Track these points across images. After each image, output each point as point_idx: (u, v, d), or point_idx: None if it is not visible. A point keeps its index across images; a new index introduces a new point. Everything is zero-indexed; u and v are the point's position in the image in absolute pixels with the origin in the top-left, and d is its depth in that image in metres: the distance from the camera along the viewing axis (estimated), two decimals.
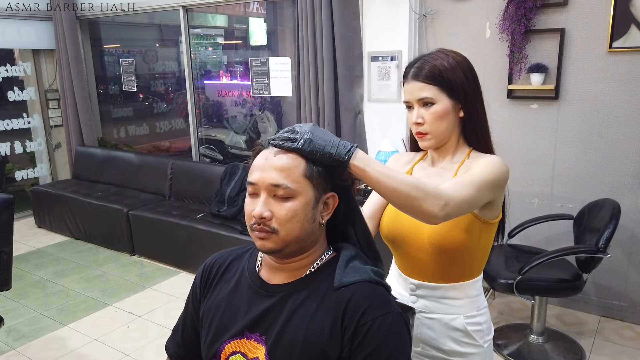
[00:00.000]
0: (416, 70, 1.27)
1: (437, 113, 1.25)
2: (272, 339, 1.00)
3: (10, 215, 2.30)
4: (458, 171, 1.29)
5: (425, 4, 3.26)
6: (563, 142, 3.00)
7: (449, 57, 1.27)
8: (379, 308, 0.98)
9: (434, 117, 1.25)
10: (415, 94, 1.26)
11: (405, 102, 1.30)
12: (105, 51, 5.72)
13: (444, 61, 1.25)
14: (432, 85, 1.24)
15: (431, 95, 1.24)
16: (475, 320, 1.30)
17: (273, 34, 5.11)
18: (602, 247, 2.42)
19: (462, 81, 1.26)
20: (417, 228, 1.27)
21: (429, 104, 1.25)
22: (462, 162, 1.31)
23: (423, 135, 1.28)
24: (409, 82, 1.28)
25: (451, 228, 1.24)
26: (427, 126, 1.26)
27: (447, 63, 1.25)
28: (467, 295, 1.30)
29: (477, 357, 1.30)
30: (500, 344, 2.80)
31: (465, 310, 1.30)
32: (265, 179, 0.98)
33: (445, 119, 1.26)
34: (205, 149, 4.98)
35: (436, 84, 1.24)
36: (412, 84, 1.26)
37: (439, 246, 1.25)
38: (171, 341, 1.22)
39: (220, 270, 1.15)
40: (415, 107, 1.28)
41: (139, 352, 2.83)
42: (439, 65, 1.25)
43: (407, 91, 1.29)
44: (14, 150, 5.20)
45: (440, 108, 1.25)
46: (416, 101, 1.27)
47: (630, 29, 2.68)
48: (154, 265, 4.02)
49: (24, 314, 3.28)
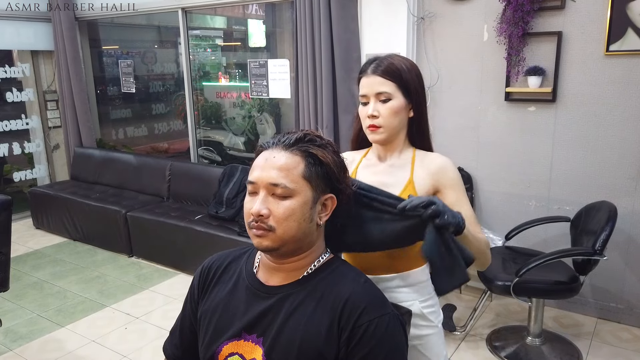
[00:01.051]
0: (376, 65, 1.33)
1: (393, 108, 1.32)
2: (269, 340, 1.01)
3: (8, 216, 2.30)
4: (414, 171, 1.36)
5: (423, 7, 3.27)
6: (560, 145, 3.01)
7: (405, 60, 1.36)
8: (376, 310, 0.99)
9: (390, 112, 1.32)
10: (375, 88, 1.32)
11: (362, 95, 1.36)
12: (104, 52, 5.73)
13: (402, 63, 1.34)
14: (391, 81, 1.32)
15: (390, 91, 1.32)
16: (429, 303, 1.39)
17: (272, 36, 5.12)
18: (598, 249, 2.43)
19: (415, 84, 1.35)
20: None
21: (386, 99, 1.32)
22: (412, 161, 1.38)
23: (376, 128, 1.34)
24: (368, 77, 1.34)
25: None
26: (382, 120, 1.33)
27: (404, 65, 1.34)
28: (419, 281, 1.37)
29: (434, 336, 1.39)
30: (497, 346, 2.81)
31: (418, 295, 1.37)
32: (264, 178, 0.99)
33: (399, 116, 1.34)
34: (204, 150, 4.98)
35: (395, 81, 1.32)
36: (372, 78, 1.33)
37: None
38: (169, 342, 1.23)
39: (218, 272, 1.15)
40: (371, 101, 1.34)
41: (136, 353, 2.83)
42: (398, 64, 1.33)
43: (365, 85, 1.35)
44: (12, 151, 5.20)
45: (397, 104, 1.33)
46: (374, 95, 1.33)
47: (627, 33, 2.69)
48: (152, 266, 4.02)
49: (21, 315, 3.27)
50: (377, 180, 1.33)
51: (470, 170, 3.33)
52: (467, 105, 3.26)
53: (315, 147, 1.04)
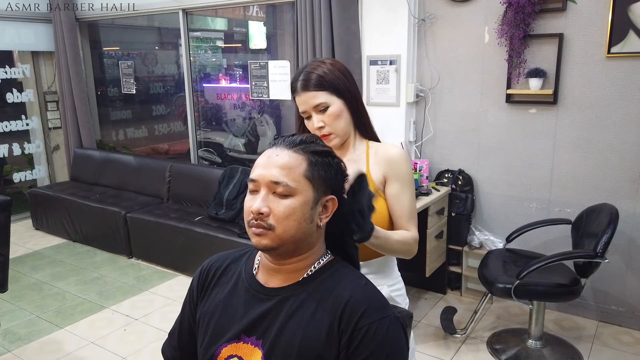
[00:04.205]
0: (303, 82, 1.39)
1: (334, 114, 1.39)
2: (268, 342, 1.00)
3: (8, 217, 2.30)
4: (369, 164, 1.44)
5: (424, 9, 3.27)
6: (561, 147, 3.01)
7: (325, 63, 1.41)
8: (376, 312, 0.98)
9: (332, 118, 1.39)
10: (310, 102, 1.39)
11: (303, 112, 1.42)
12: (104, 53, 5.73)
13: (323, 68, 1.40)
14: (322, 91, 1.38)
15: (324, 100, 1.38)
16: (396, 287, 1.50)
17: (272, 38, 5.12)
18: (600, 252, 2.42)
19: (342, 81, 1.41)
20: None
21: (324, 108, 1.39)
22: (367, 153, 1.46)
23: (327, 136, 1.41)
24: (299, 95, 1.40)
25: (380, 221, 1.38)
26: (329, 127, 1.40)
27: (326, 69, 1.40)
28: (387, 266, 1.48)
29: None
30: (498, 349, 2.80)
31: (387, 280, 1.48)
32: (265, 176, 0.99)
33: (342, 117, 1.41)
34: (204, 151, 4.98)
35: (324, 89, 1.38)
36: (304, 95, 1.39)
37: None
38: (167, 344, 1.22)
39: (217, 273, 1.15)
40: (313, 115, 1.40)
41: (135, 355, 2.82)
42: (320, 72, 1.39)
43: (301, 103, 1.41)
44: (12, 152, 5.20)
45: (335, 109, 1.39)
46: (312, 109, 1.40)
47: (629, 35, 2.69)
48: (152, 268, 4.01)
49: (20, 317, 3.27)
50: None
51: (471, 172, 3.33)
52: (468, 107, 3.26)
53: (319, 148, 1.04)
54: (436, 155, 3.44)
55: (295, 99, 1.43)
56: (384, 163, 1.43)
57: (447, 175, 3.38)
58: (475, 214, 3.37)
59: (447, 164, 3.41)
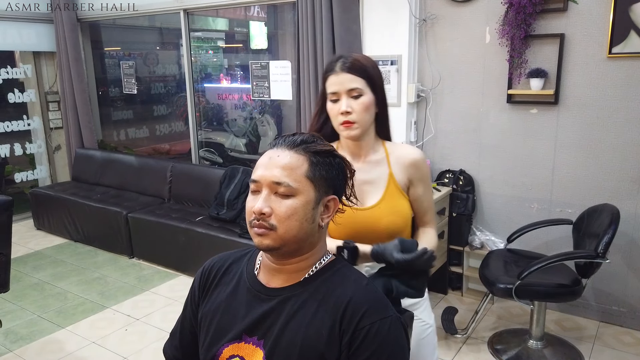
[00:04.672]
0: (345, 63, 1.37)
1: (365, 104, 1.37)
2: (270, 342, 1.00)
3: (9, 217, 2.30)
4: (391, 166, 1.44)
5: (425, 9, 3.26)
6: (562, 147, 3.01)
7: (367, 58, 1.41)
8: (377, 312, 0.98)
9: (362, 107, 1.37)
10: (346, 85, 1.36)
11: (332, 93, 1.39)
12: (105, 54, 5.73)
13: (366, 60, 1.40)
14: (361, 78, 1.36)
15: (361, 87, 1.36)
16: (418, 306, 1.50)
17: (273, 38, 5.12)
18: (601, 252, 2.42)
19: (379, 79, 1.41)
20: (374, 224, 1.40)
21: (357, 95, 1.37)
22: (387, 155, 1.46)
23: (351, 124, 1.38)
24: (337, 74, 1.37)
25: (403, 219, 1.43)
26: (356, 115, 1.37)
27: (369, 63, 1.40)
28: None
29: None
30: (499, 349, 2.80)
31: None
32: (267, 177, 0.99)
33: (370, 111, 1.39)
34: (205, 152, 4.98)
35: (364, 78, 1.37)
36: (342, 76, 1.36)
37: (393, 233, 1.39)
38: (169, 344, 1.22)
39: (219, 274, 1.15)
40: (343, 98, 1.37)
41: (136, 355, 2.82)
42: (364, 61, 1.39)
43: (335, 83, 1.38)
44: (13, 152, 5.20)
45: (368, 100, 1.38)
46: (346, 92, 1.37)
47: (630, 35, 2.68)
48: (153, 268, 4.01)
49: (21, 316, 3.27)
50: (360, 179, 1.38)
51: (472, 172, 3.33)
52: (469, 107, 3.25)
53: (320, 148, 1.03)
54: (437, 155, 3.44)
55: (329, 78, 1.40)
56: (408, 167, 1.44)
57: (448, 175, 3.38)
58: (476, 214, 3.37)
59: (448, 164, 3.41)
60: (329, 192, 1.04)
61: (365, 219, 1.40)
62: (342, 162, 1.08)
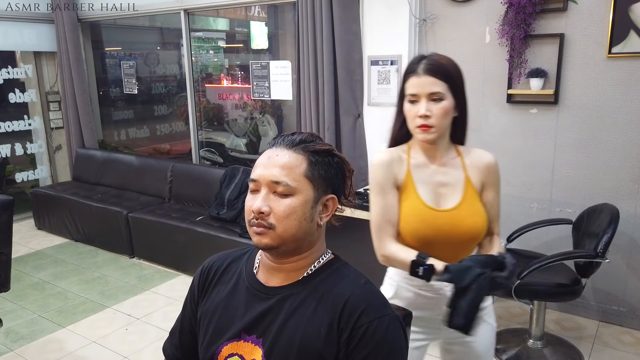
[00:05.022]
0: (428, 66, 1.34)
1: (445, 108, 1.35)
2: (269, 341, 1.01)
3: (10, 216, 2.31)
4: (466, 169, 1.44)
5: (425, 9, 3.27)
6: (562, 147, 3.01)
7: (451, 61, 1.38)
8: (375, 311, 0.98)
9: (442, 112, 1.35)
10: (427, 88, 1.33)
11: (412, 94, 1.36)
12: (106, 54, 5.74)
13: (450, 63, 1.37)
14: (443, 82, 1.33)
15: (442, 91, 1.33)
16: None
17: (274, 38, 5.12)
18: (600, 252, 2.42)
19: (462, 84, 1.39)
20: (456, 225, 1.39)
21: (438, 99, 1.34)
22: (461, 158, 1.46)
23: (429, 128, 1.35)
24: (418, 76, 1.34)
25: (484, 221, 1.44)
26: (435, 120, 1.34)
27: (452, 65, 1.37)
28: None
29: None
30: (498, 349, 2.80)
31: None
32: (266, 176, 0.99)
33: (449, 115, 1.37)
34: (206, 151, 4.99)
35: (446, 81, 1.34)
36: (424, 78, 1.33)
37: (475, 235, 1.42)
38: (168, 343, 1.23)
39: (218, 273, 1.15)
40: (423, 101, 1.34)
41: (137, 354, 2.83)
42: (447, 65, 1.36)
43: (416, 85, 1.35)
44: (14, 152, 5.21)
45: (448, 104, 1.35)
46: (426, 95, 1.34)
47: (630, 35, 2.68)
48: (153, 267, 4.02)
49: (22, 316, 3.28)
50: (436, 181, 1.41)
51: None
52: (469, 107, 3.25)
53: (319, 147, 1.04)
54: None
55: (409, 79, 1.37)
56: (483, 170, 1.46)
57: None
58: None
59: None
60: (328, 191, 1.05)
61: (446, 220, 1.39)
62: (341, 162, 1.08)
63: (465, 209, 1.40)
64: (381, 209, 1.41)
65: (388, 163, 1.43)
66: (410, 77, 1.37)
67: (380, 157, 1.45)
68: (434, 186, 1.41)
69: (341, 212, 1.10)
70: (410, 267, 1.32)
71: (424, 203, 1.39)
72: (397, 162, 1.43)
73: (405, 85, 1.39)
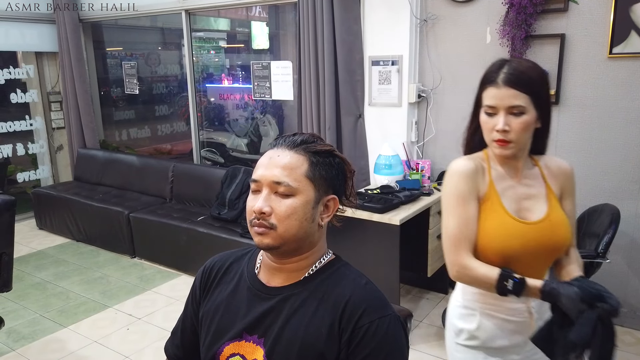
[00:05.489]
0: (508, 77, 1.24)
1: (526, 123, 1.25)
2: (270, 341, 1.01)
3: (12, 216, 2.31)
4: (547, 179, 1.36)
5: (426, 9, 3.27)
6: (563, 147, 3.01)
7: (536, 66, 1.28)
8: (376, 311, 0.99)
9: (522, 127, 1.25)
10: (507, 101, 1.24)
11: (489, 106, 1.28)
12: (107, 54, 5.75)
13: (534, 71, 1.26)
14: (525, 94, 1.24)
15: (524, 104, 1.24)
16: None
17: (275, 38, 5.13)
18: (601, 252, 2.42)
19: (546, 93, 1.29)
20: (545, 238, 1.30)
21: (519, 113, 1.24)
22: (539, 166, 1.38)
23: (506, 143, 1.27)
24: (498, 87, 1.25)
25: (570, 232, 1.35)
26: (514, 135, 1.26)
27: (536, 74, 1.26)
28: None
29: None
30: None
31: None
32: (267, 176, 1.00)
33: (529, 130, 1.28)
34: (207, 152, 4.99)
35: (528, 94, 1.24)
36: (505, 90, 1.24)
37: (561, 248, 1.34)
38: (170, 343, 1.23)
39: (219, 273, 1.16)
40: (501, 114, 1.26)
41: (138, 354, 2.83)
42: (531, 74, 1.25)
43: (494, 96, 1.26)
44: (16, 152, 5.22)
45: (530, 118, 1.25)
46: (505, 108, 1.25)
47: (630, 35, 2.69)
48: (155, 267, 4.03)
49: (24, 316, 3.28)
50: (520, 193, 1.33)
51: None
52: (470, 107, 3.24)
53: (320, 148, 1.04)
54: (438, 155, 3.45)
55: (487, 89, 1.28)
56: (561, 179, 1.37)
57: None
58: None
59: (448, 164, 3.41)
60: (329, 191, 1.05)
61: (535, 234, 1.30)
62: (342, 162, 1.08)
63: (553, 220, 1.32)
64: (461, 222, 1.31)
65: (473, 172, 1.34)
66: (488, 87, 1.28)
67: (465, 166, 1.35)
68: (518, 198, 1.33)
69: (342, 212, 1.10)
70: (496, 281, 1.23)
71: (511, 216, 1.30)
72: (480, 172, 1.35)
73: (482, 95, 1.31)
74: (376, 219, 2.76)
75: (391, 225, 2.72)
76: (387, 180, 3.19)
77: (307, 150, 1.03)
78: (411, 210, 2.82)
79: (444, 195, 1.38)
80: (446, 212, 1.35)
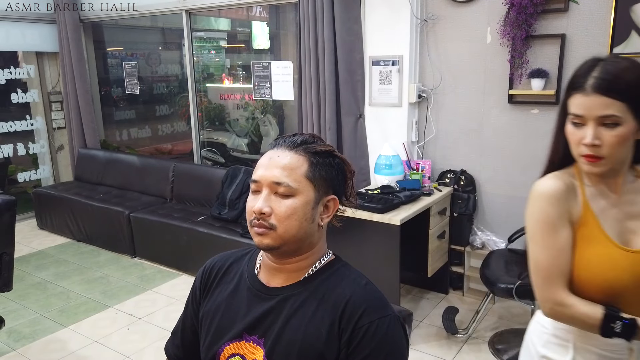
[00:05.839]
0: (599, 82, 1.04)
1: (622, 136, 1.05)
2: (270, 341, 1.01)
3: (12, 216, 2.31)
4: None
5: (426, 9, 3.27)
6: None
7: (636, 66, 1.07)
8: (376, 311, 0.99)
9: (617, 140, 1.05)
10: (596, 111, 1.04)
11: (576, 116, 1.08)
12: (108, 54, 5.75)
13: (632, 73, 1.05)
14: (620, 102, 1.03)
15: (618, 114, 1.03)
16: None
17: (275, 38, 5.13)
18: None
19: None
20: None
21: (612, 124, 1.04)
22: None
23: (597, 159, 1.07)
24: (587, 95, 1.05)
25: None
26: (605, 150, 1.05)
27: (635, 76, 1.05)
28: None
29: None
30: (499, 349, 2.80)
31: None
32: (267, 177, 1.00)
33: (627, 143, 1.07)
34: (207, 151, 5.00)
35: (625, 101, 1.03)
36: (594, 98, 1.04)
37: None
38: (170, 343, 1.23)
39: (220, 273, 1.16)
40: (590, 125, 1.06)
41: (138, 354, 2.83)
42: (628, 77, 1.04)
43: (581, 104, 1.06)
44: (16, 152, 5.23)
45: (626, 130, 1.05)
46: (595, 119, 1.05)
47: (631, 35, 2.68)
48: (155, 267, 4.03)
49: (24, 315, 3.29)
50: (623, 213, 1.14)
51: (473, 172, 3.33)
52: (470, 107, 3.26)
53: (320, 148, 1.04)
54: (438, 155, 3.45)
55: (574, 95, 1.08)
56: None
57: (449, 175, 3.39)
58: (477, 214, 3.38)
59: (449, 164, 3.42)
60: (329, 192, 1.05)
61: None
62: (342, 163, 1.08)
63: None
64: (553, 253, 1.12)
65: (563, 194, 1.13)
66: (575, 93, 1.08)
67: (553, 186, 1.15)
68: (621, 220, 1.12)
69: (342, 212, 1.11)
70: (601, 322, 1.06)
71: (616, 245, 1.10)
72: (572, 192, 1.14)
73: (568, 101, 1.11)
74: (376, 219, 2.76)
75: (391, 225, 2.72)
76: (388, 180, 3.19)
77: (307, 150, 1.03)
78: (411, 210, 2.83)
79: (529, 223, 1.18)
80: (533, 242, 1.16)
